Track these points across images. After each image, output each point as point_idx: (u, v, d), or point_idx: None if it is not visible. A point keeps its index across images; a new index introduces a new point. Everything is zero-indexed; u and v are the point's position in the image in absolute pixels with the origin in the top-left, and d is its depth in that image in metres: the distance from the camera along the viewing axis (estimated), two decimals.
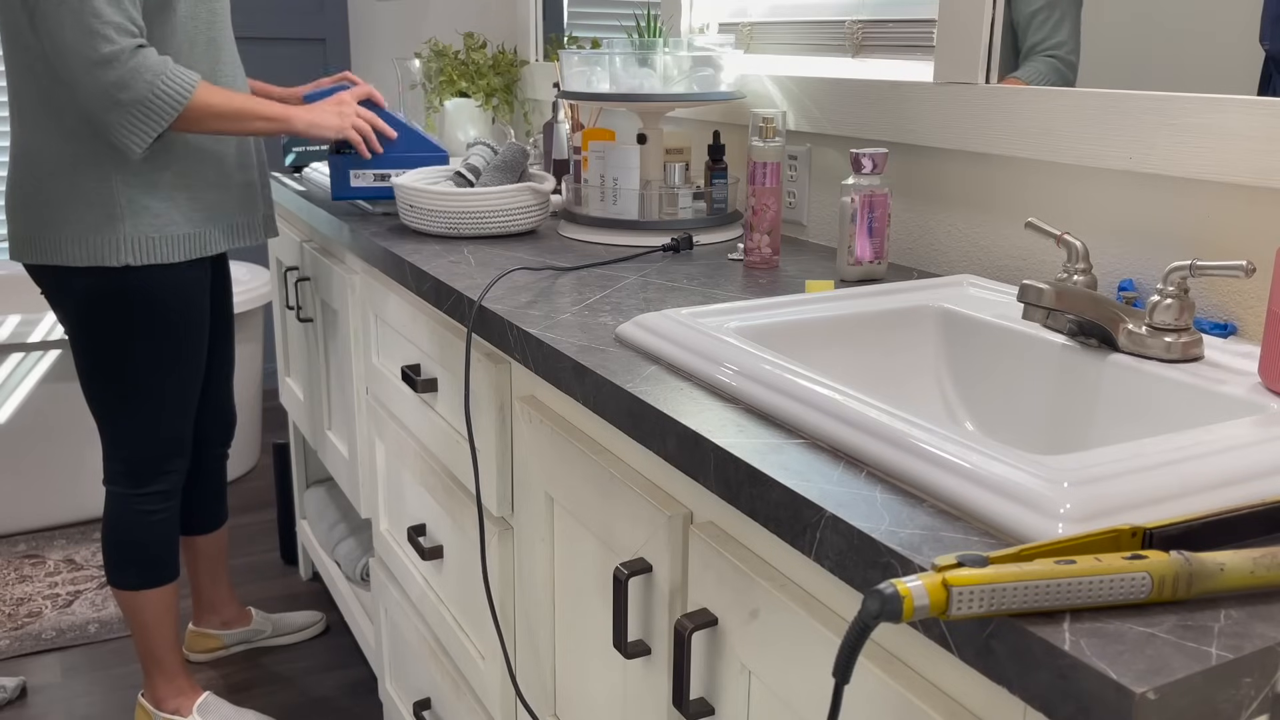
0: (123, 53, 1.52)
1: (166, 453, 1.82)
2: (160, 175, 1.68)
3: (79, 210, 1.64)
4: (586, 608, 1.10)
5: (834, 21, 1.68)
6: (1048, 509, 0.63)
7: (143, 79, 1.53)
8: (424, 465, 1.49)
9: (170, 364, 1.77)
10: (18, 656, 2.23)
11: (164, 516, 1.84)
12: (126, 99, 1.54)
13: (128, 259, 1.66)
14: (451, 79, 2.46)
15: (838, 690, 0.57)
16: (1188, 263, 0.93)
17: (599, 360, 0.99)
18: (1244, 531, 0.64)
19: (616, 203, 1.63)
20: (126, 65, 1.52)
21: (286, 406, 2.45)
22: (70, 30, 1.51)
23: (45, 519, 2.79)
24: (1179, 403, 0.90)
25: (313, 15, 3.50)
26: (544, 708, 1.23)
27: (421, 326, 1.45)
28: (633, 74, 1.60)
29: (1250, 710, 0.53)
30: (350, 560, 2.21)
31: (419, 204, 1.60)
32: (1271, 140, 0.98)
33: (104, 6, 1.51)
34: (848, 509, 0.68)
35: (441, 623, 1.49)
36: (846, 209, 1.30)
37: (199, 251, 1.73)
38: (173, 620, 1.91)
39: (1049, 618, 0.55)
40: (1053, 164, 1.22)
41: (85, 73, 1.52)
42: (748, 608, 0.80)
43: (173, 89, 1.56)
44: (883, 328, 1.13)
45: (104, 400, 1.77)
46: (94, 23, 1.50)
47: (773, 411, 0.84)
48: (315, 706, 2.09)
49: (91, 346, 1.73)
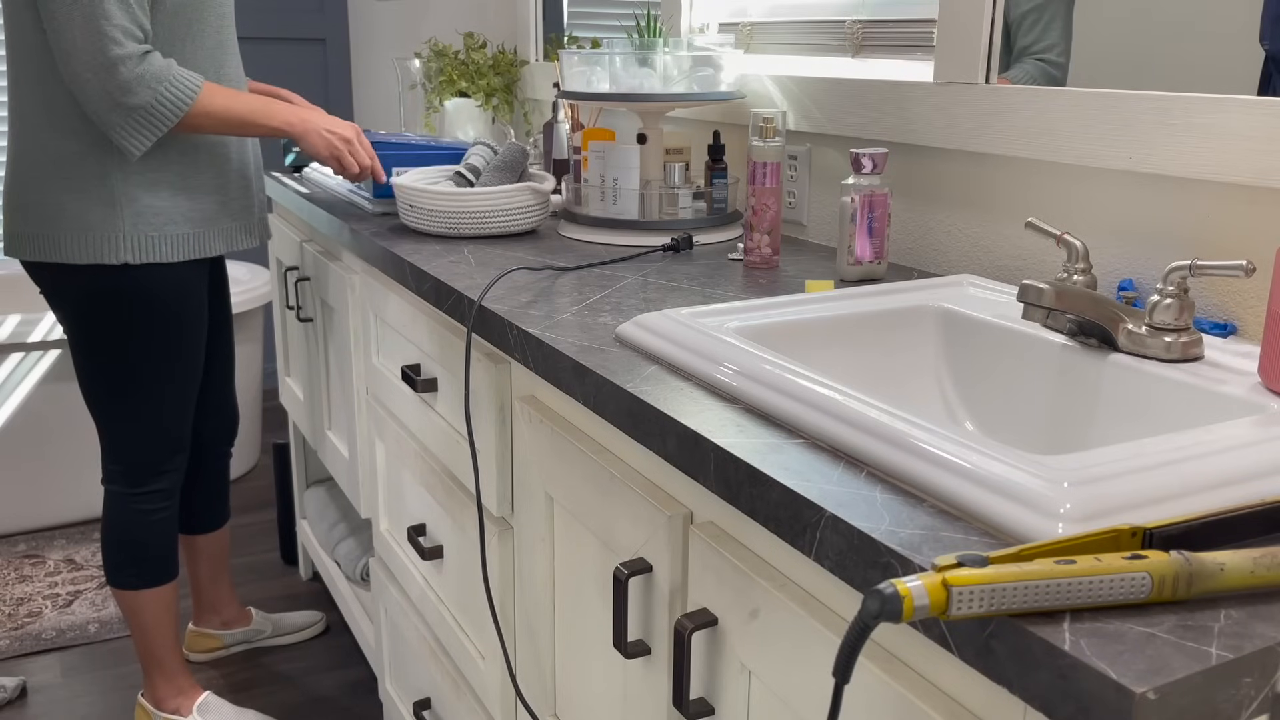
0: (130, 57, 1.53)
1: (165, 452, 1.82)
2: (161, 175, 1.68)
3: (79, 208, 1.64)
4: (586, 608, 1.10)
5: (834, 21, 1.68)
6: (1048, 509, 0.63)
7: (147, 85, 1.55)
8: (424, 465, 1.49)
9: (169, 363, 1.77)
10: (18, 656, 2.23)
11: (163, 516, 1.84)
12: (130, 103, 1.54)
13: (126, 257, 1.66)
14: (451, 79, 2.46)
15: (838, 690, 0.57)
16: (1188, 263, 0.93)
17: (599, 360, 0.99)
18: (1244, 531, 0.64)
19: (616, 203, 1.63)
20: (133, 71, 1.53)
21: (286, 406, 2.45)
22: (80, 31, 1.51)
23: (45, 519, 2.79)
24: (1179, 403, 0.90)
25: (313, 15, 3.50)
26: (544, 708, 1.23)
27: (421, 326, 1.45)
28: (633, 74, 1.60)
29: (1250, 710, 0.53)
30: (350, 560, 2.21)
31: (419, 204, 1.60)
32: (1271, 140, 0.98)
33: (114, 9, 1.52)
34: (848, 509, 0.68)
35: (441, 623, 1.49)
36: (846, 209, 1.30)
37: (198, 253, 1.73)
38: (172, 620, 1.91)
39: (1049, 618, 0.55)
40: (1053, 164, 1.22)
41: (91, 74, 1.53)
42: (748, 608, 0.80)
43: (176, 95, 1.57)
44: (883, 328, 1.13)
45: (102, 399, 1.77)
46: (104, 25, 1.51)
47: (773, 411, 0.84)
48: (315, 706, 2.09)
49: (90, 345, 1.73)
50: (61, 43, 1.53)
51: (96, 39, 1.51)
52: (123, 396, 1.76)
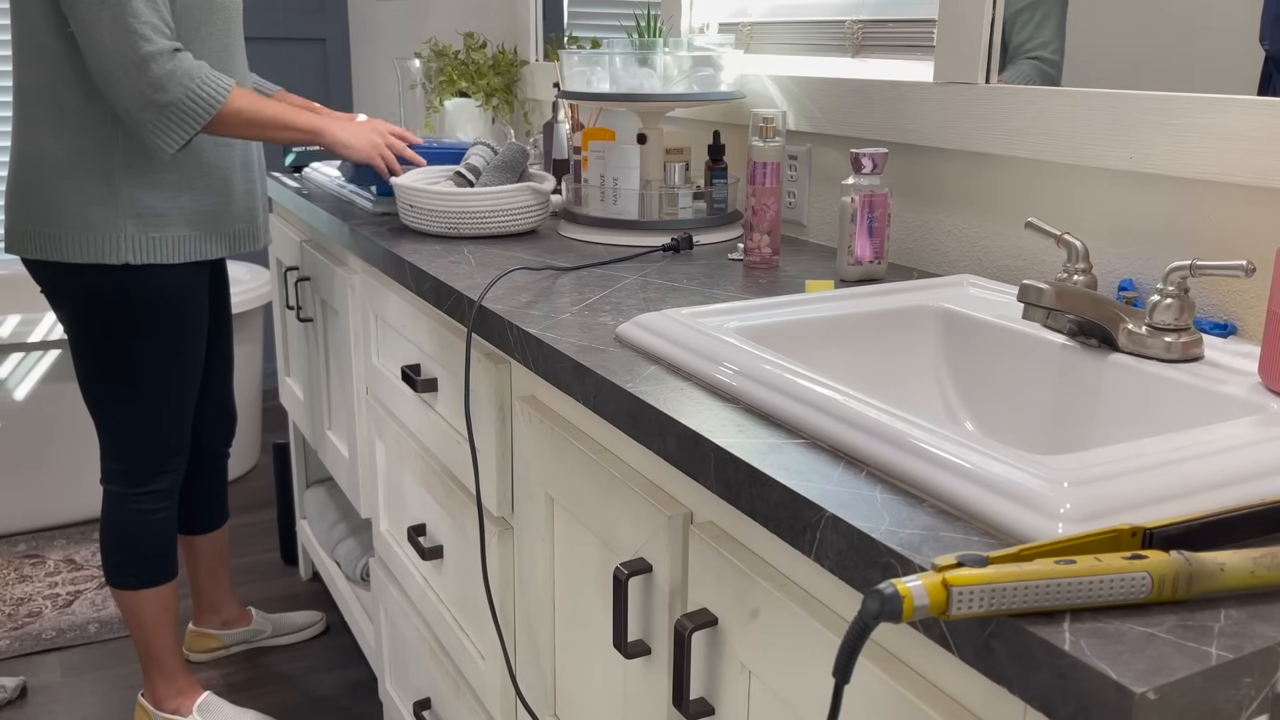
0: (161, 54, 1.54)
1: (165, 452, 1.82)
2: (165, 176, 1.68)
3: (81, 207, 1.64)
4: (586, 608, 1.10)
5: (834, 21, 1.68)
6: (1048, 509, 0.63)
7: (178, 82, 1.55)
8: (424, 465, 1.49)
9: (169, 363, 1.77)
10: (18, 656, 2.23)
11: (162, 516, 1.84)
12: (162, 100, 1.55)
13: (128, 257, 1.66)
14: (451, 79, 2.46)
15: (838, 690, 0.57)
16: (1188, 263, 0.93)
17: (599, 360, 0.99)
18: (1244, 531, 0.64)
19: (616, 203, 1.63)
20: (164, 67, 1.54)
21: (286, 406, 2.45)
22: (109, 30, 1.52)
23: (45, 519, 2.79)
24: (1179, 403, 0.90)
25: (313, 15, 3.50)
26: (544, 708, 1.23)
27: (421, 326, 1.45)
28: (633, 74, 1.60)
29: (1250, 710, 0.53)
30: (350, 560, 2.21)
31: (419, 204, 1.60)
32: (1271, 140, 0.98)
33: (142, 7, 1.53)
34: (848, 509, 0.68)
35: (441, 623, 1.49)
36: (846, 209, 1.30)
37: (199, 255, 1.73)
38: (172, 620, 1.91)
39: (1049, 618, 0.55)
40: (1053, 164, 1.22)
41: (123, 72, 1.53)
42: (748, 608, 0.80)
43: (208, 94, 1.58)
44: (883, 328, 1.13)
45: (102, 399, 1.77)
46: (133, 22, 1.52)
47: (773, 411, 0.84)
48: (315, 706, 2.09)
49: (90, 344, 1.73)
50: (91, 43, 1.53)
51: (126, 37, 1.52)
52: (122, 396, 1.76)
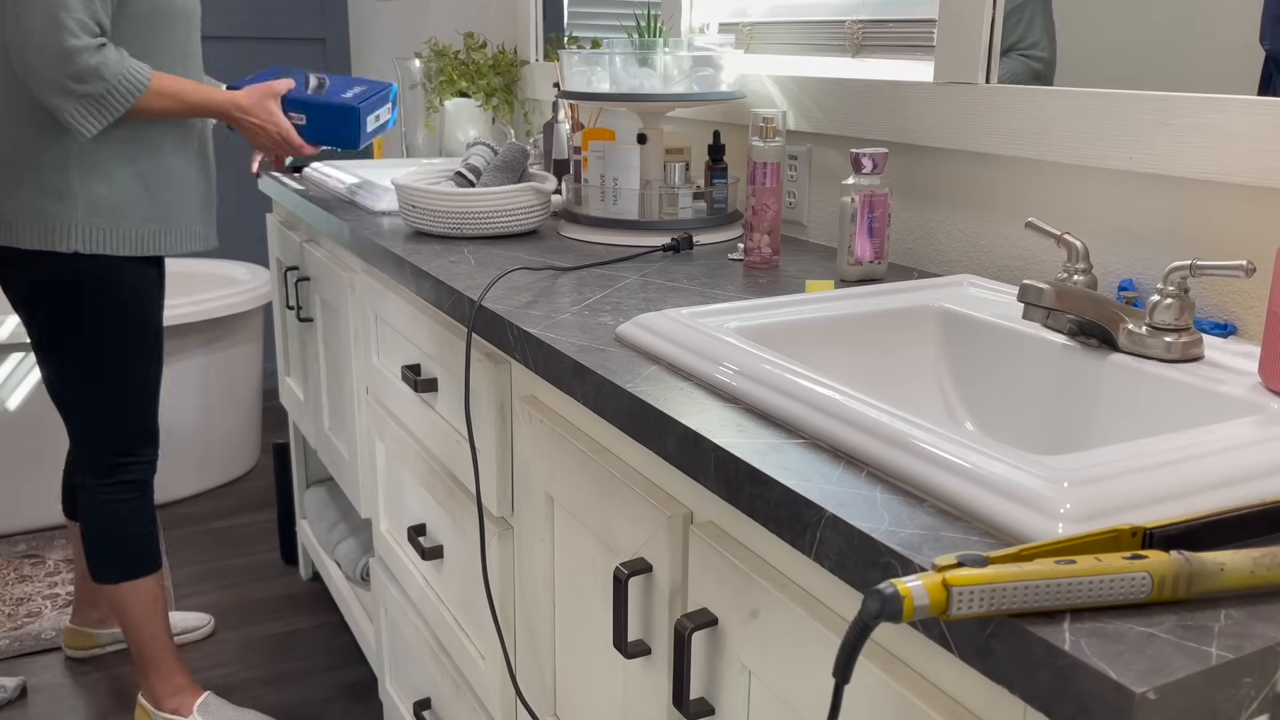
0: (85, 49, 1.57)
1: (130, 442, 1.82)
2: (120, 171, 1.70)
3: (34, 195, 1.68)
4: (586, 608, 1.10)
5: (834, 21, 1.68)
6: (1048, 509, 0.63)
7: (100, 77, 1.59)
8: (424, 465, 1.49)
9: (124, 353, 1.77)
10: (18, 656, 2.23)
11: (134, 506, 1.84)
12: (81, 91, 1.59)
13: (77, 246, 1.69)
14: (451, 79, 2.46)
15: (838, 690, 0.57)
16: (1188, 263, 0.93)
17: (599, 360, 0.99)
18: (1244, 531, 0.64)
19: (616, 203, 1.63)
20: (87, 63, 1.58)
21: (286, 406, 2.45)
22: (40, 17, 1.55)
23: (45, 519, 2.79)
24: (1179, 403, 0.90)
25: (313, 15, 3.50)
26: (544, 708, 1.23)
27: (421, 326, 1.45)
28: (633, 74, 1.60)
29: (1250, 710, 0.53)
30: (350, 560, 2.21)
31: (421, 204, 1.60)
32: (1271, 140, 0.98)
33: (75, 2, 1.56)
34: (848, 509, 0.68)
35: (441, 623, 1.49)
36: (846, 209, 1.30)
37: (149, 250, 1.75)
38: (160, 614, 1.90)
39: (1049, 618, 0.55)
40: (1053, 164, 1.22)
41: (45, 63, 1.57)
42: (748, 608, 0.80)
43: (126, 87, 1.62)
44: (883, 328, 1.13)
45: (60, 391, 1.78)
46: (62, 15, 1.56)
47: (773, 411, 0.84)
48: (315, 706, 2.09)
49: (45, 335, 1.76)
50: (20, 28, 1.57)
51: (54, 29, 1.55)
52: (78, 389, 1.77)
